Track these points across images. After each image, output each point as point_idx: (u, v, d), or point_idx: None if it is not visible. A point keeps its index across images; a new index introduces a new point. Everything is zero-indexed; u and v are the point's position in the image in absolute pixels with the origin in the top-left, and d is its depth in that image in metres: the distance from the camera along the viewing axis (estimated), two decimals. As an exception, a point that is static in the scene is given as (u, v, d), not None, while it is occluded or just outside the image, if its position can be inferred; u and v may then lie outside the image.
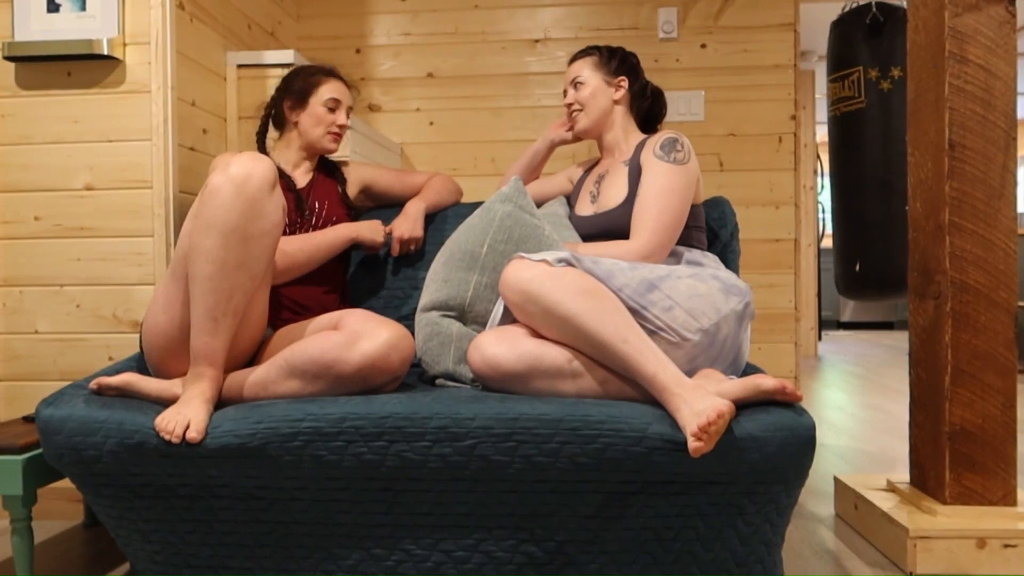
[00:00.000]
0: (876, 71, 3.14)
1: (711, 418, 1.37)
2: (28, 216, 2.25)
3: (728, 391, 1.54)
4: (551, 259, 1.65)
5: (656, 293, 1.67)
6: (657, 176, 1.93)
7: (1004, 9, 1.99)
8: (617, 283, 1.66)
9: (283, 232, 2.03)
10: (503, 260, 1.91)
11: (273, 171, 1.62)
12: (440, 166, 3.21)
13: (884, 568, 1.95)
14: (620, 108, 2.14)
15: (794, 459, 1.47)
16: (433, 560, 1.55)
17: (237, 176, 1.58)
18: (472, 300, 1.90)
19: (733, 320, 1.74)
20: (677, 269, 1.76)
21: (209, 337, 1.60)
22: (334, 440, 1.50)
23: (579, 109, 2.14)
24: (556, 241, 1.96)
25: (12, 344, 2.27)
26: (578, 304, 1.57)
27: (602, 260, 1.71)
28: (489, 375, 1.67)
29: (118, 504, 1.58)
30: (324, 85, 2.12)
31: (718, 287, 1.75)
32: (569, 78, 2.15)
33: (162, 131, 2.22)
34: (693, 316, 1.67)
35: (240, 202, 1.57)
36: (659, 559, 1.53)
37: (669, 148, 1.97)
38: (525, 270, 1.63)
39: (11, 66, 2.26)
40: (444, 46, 3.21)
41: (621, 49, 2.16)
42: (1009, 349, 1.99)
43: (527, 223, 1.94)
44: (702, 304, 1.69)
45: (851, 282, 3.29)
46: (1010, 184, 2.00)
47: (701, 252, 2.00)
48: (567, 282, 1.59)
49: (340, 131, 2.14)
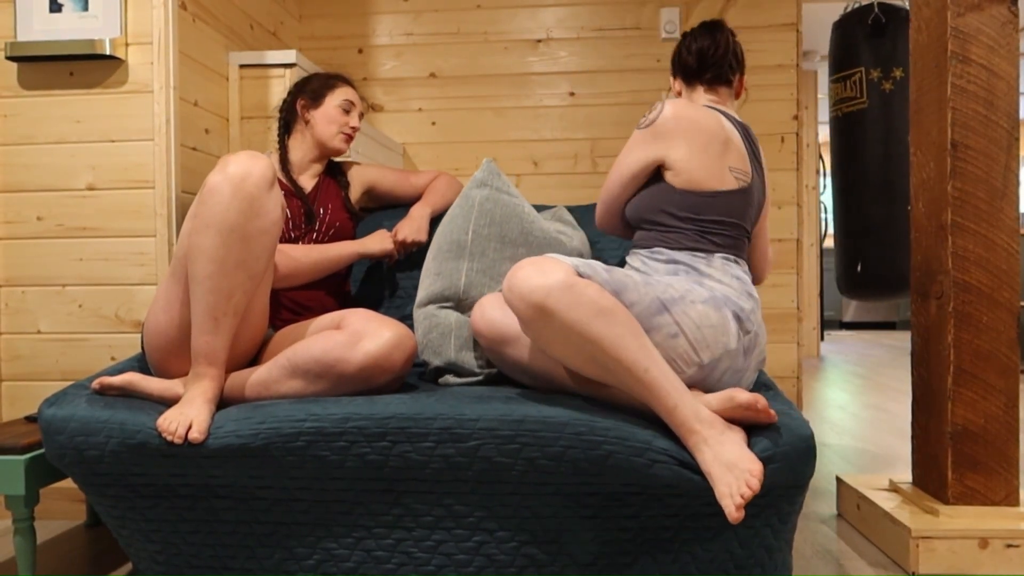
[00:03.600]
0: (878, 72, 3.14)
1: (754, 487, 1.36)
2: (30, 216, 2.25)
3: (705, 404, 1.51)
4: (567, 263, 1.54)
5: (664, 317, 1.57)
6: None
7: (1006, 9, 1.99)
8: (628, 298, 1.56)
9: (288, 239, 2.03)
10: (489, 244, 1.92)
11: (271, 169, 1.63)
12: (442, 166, 3.21)
13: (886, 568, 1.95)
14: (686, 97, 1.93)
15: (794, 471, 1.46)
16: (435, 563, 1.55)
17: (235, 175, 1.58)
18: (466, 287, 1.91)
19: (739, 356, 1.64)
20: (694, 291, 1.62)
21: (210, 336, 1.60)
22: (337, 440, 1.50)
23: None
24: (537, 217, 1.97)
25: (14, 344, 2.27)
26: (599, 327, 1.47)
27: (616, 271, 1.60)
28: (486, 335, 1.75)
29: (120, 504, 1.58)
30: (340, 88, 2.16)
31: (732, 318, 1.62)
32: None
33: (164, 131, 2.22)
34: (696, 348, 1.58)
35: (238, 201, 1.57)
36: (658, 560, 1.53)
37: (647, 112, 1.81)
38: (538, 276, 1.48)
39: (13, 66, 2.26)
40: (446, 46, 3.21)
41: (675, 49, 1.98)
42: (1011, 349, 1.99)
43: (506, 203, 1.95)
44: (711, 335, 1.59)
45: (852, 282, 3.29)
46: (1012, 184, 2.00)
47: (708, 258, 1.71)
48: (588, 299, 1.47)
49: (352, 133, 2.16)
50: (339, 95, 2.14)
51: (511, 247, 1.93)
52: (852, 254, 3.28)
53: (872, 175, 3.19)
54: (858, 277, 3.25)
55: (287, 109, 2.17)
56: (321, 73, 2.21)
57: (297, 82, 2.21)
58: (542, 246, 1.97)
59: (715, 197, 1.71)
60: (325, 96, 2.14)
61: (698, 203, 1.72)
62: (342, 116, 2.14)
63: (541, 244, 1.97)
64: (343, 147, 2.16)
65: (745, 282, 1.71)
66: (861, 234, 3.23)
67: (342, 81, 2.18)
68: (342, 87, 2.16)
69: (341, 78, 2.19)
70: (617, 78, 3.16)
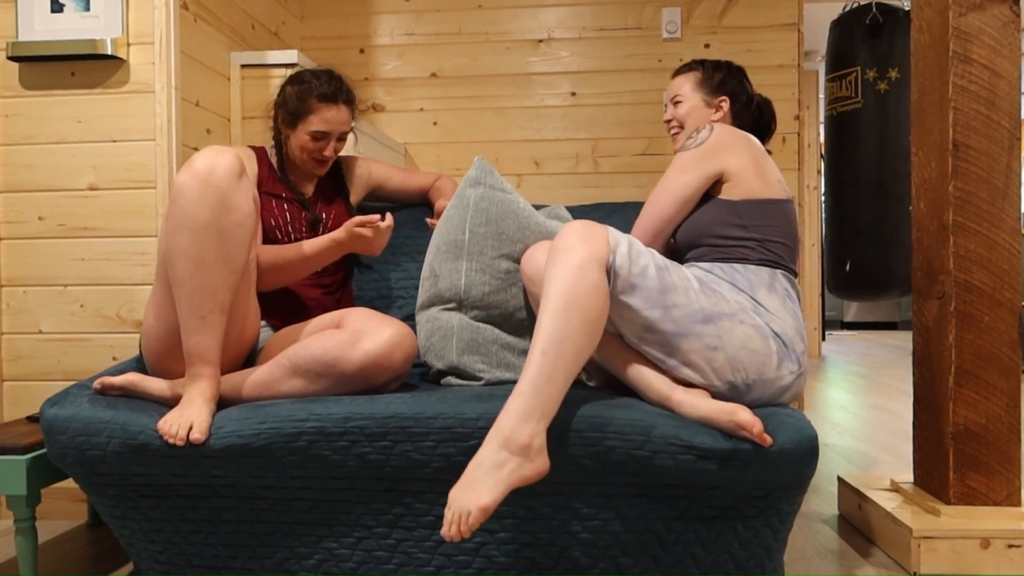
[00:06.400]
0: (874, 72, 3.13)
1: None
2: (32, 216, 2.26)
3: (707, 411, 1.50)
4: (611, 245, 1.53)
5: (709, 327, 1.56)
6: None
7: (1008, 9, 1.99)
8: (672, 300, 1.56)
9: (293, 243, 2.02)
10: (487, 242, 1.92)
11: (238, 161, 1.60)
12: (444, 166, 3.21)
13: (888, 568, 1.95)
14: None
15: (797, 470, 1.46)
16: (435, 563, 1.55)
17: (201, 171, 1.56)
18: (467, 287, 1.91)
19: (774, 390, 1.62)
20: (744, 314, 1.60)
21: (200, 336, 1.59)
22: (338, 440, 1.50)
23: (677, 127, 2.00)
24: (533, 212, 1.97)
25: (16, 344, 2.28)
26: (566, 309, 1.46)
27: (674, 271, 1.59)
28: (527, 273, 1.78)
29: (121, 504, 1.59)
30: (315, 115, 1.98)
31: (777, 350, 1.61)
32: (671, 94, 2.02)
33: (166, 131, 2.22)
34: (732, 367, 1.57)
35: (208, 197, 1.56)
36: (660, 562, 1.53)
37: (690, 137, 1.82)
38: (577, 242, 1.50)
39: (15, 66, 2.26)
40: (448, 46, 3.21)
41: (727, 65, 2.00)
42: (1013, 349, 1.99)
43: (501, 200, 1.95)
44: (749, 359, 1.58)
45: (841, 281, 3.28)
46: (1014, 184, 2.00)
47: (771, 280, 1.69)
48: (581, 288, 1.47)
49: (325, 160, 2.05)
50: (313, 123, 1.98)
51: (509, 244, 1.93)
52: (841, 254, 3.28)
53: (864, 175, 3.19)
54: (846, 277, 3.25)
55: (275, 115, 2.08)
56: (304, 84, 2.01)
57: (282, 85, 2.06)
58: (539, 241, 1.97)
59: (772, 204, 1.75)
60: (299, 122, 2.00)
61: (758, 210, 1.74)
62: (313, 144, 2.01)
63: (538, 239, 1.97)
64: (318, 172, 2.06)
65: (799, 321, 1.71)
66: (851, 234, 3.23)
67: (320, 101, 1.99)
68: (318, 112, 1.98)
69: (321, 97, 1.99)
70: (618, 78, 3.16)
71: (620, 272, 1.53)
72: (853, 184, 3.21)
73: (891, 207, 3.15)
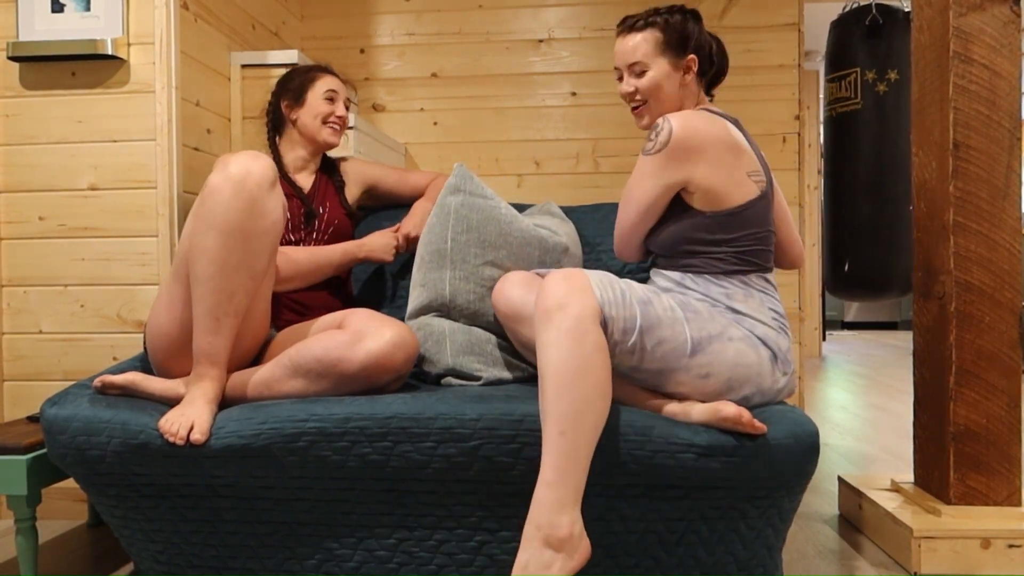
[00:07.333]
0: (873, 73, 3.13)
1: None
2: (32, 216, 2.26)
3: (697, 417, 1.52)
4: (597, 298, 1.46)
5: (697, 357, 1.52)
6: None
7: (1008, 9, 1.99)
8: (658, 335, 1.50)
9: (288, 240, 2.03)
10: (469, 250, 1.92)
11: (273, 169, 1.62)
12: (444, 166, 3.21)
13: (888, 568, 1.95)
14: (690, 88, 1.74)
15: (798, 466, 1.46)
16: (436, 563, 1.55)
17: (236, 175, 1.57)
18: (452, 295, 1.92)
19: (772, 394, 1.62)
20: (730, 329, 1.56)
21: (212, 336, 1.60)
22: (338, 440, 1.50)
23: (642, 102, 1.73)
24: (516, 216, 1.97)
25: (16, 344, 2.28)
26: (570, 374, 1.39)
27: (656, 304, 1.52)
28: (502, 310, 1.79)
29: (122, 504, 1.59)
30: (320, 80, 2.12)
31: (768, 357, 1.59)
32: (625, 60, 1.71)
33: (166, 131, 2.22)
34: (728, 387, 1.55)
35: (240, 201, 1.57)
36: (662, 562, 1.53)
37: (650, 135, 1.65)
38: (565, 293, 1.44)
39: (15, 66, 2.26)
40: (448, 46, 3.21)
41: (681, 9, 1.72)
42: (1014, 349, 1.99)
43: (481, 207, 1.95)
44: (746, 374, 1.56)
45: (838, 281, 3.29)
46: (1014, 184, 2.00)
47: (746, 287, 1.64)
48: (581, 351, 1.40)
49: (339, 123, 2.13)
50: (320, 87, 2.11)
51: (491, 250, 1.94)
52: (839, 254, 3.28)
53: (862, 176, 3.19)
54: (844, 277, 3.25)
55: (273, 111, 2.16)
56: (300, 67, 2.18)
57: (279, 80, 2.18)
58: (522, 246, 1.98)
59: (744, 210, 1.63)
60: (307, 91, 2.11)
61: (729, 221, 1.63)
62: (327, 107, 2.10)
63: (521, 244, 1.97)
64: (334, 140, 2.13)
65: (780, 315, 1.66)
66: (849, 234, 3.24)
67: (320, 72, 2.14)
68: (322, 78, 2.13)
69: (319, 68, 2.15)
70: (619, 78, 3.16)
71: (616, 320, 1.48)
72: (852, 185, 3.21)
73: (889, 208, 3.16)
